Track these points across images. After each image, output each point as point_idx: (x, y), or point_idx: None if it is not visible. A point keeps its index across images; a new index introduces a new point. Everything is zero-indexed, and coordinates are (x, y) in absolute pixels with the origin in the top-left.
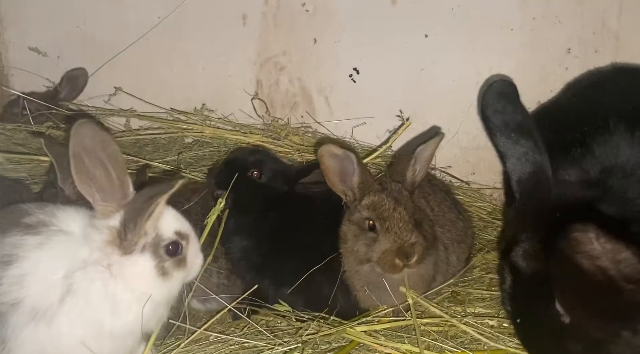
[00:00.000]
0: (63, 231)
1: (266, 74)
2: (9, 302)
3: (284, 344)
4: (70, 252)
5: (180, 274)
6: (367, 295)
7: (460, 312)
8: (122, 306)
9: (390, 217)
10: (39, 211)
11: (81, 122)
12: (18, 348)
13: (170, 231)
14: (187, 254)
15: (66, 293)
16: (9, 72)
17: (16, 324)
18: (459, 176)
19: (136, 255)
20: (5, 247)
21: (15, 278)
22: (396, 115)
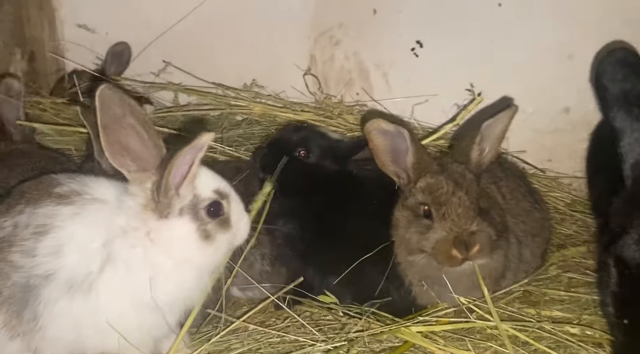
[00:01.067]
0: (97, 199)
1: (320, 48)
2: (42, 274)
3: (328, 341)
4: (107, 221)
5: (226, 237)
6: (425, 291)
7: (534, 315)
8: (162, 274)
9: (447, 202)
10: (71, 180)
11: (102, 88)
12: (51, 324)
13: (209, 191)
14: (230, 215)
15: (105, 261)
16: (64, 47)
17: (49, 298)
18: (533, 162)
19: (174, 219)
20: (38, 218)
21: (51, 249)
22: (466, 89)
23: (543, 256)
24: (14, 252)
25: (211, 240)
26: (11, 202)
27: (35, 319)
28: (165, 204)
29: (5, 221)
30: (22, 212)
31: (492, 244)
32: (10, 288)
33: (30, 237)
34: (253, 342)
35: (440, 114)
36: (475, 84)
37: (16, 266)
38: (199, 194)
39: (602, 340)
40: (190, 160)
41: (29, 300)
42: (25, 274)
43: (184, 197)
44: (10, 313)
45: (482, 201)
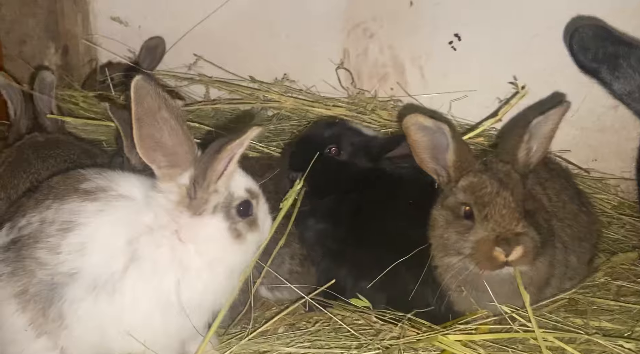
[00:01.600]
0: (123, 196)
1: (354, 42)
2: (67, 272)
3: (361, 348)
4: (132, 218)
5: (254, 237)
6: (463, 297)
7: (581, 326)
8: (191, 274)
9: (491, 203)
10: (97, 176)
11: (138, 79)
12: (75, 324)
13: (242, 189)
14: (257, 215)
15: (130, 260)
16: (97, 41)
17: (74, 297)
18: (576, 162)
19: (208, 216)
20: (64, 214)
21: (75, 246)
22: (509, 82)
23: (590, 262)
24: (40, 248)
25: (242, 239)
26: (39, 198)
27: (60, 318)
28: (202, 201)
29: (33, 217)
30: (49, 208)
31: (537, 250)
32: (35, 285)
33: (56, 233)
34: (282, 346)
35: (479, 110)
36: (518, 79)
37: (41, 263)
38: (233, 192)
39: None
40: (229, 157)
41: (54, 298)
42: (50, 272)
43: (220, 194)
44: (36, 311)
45: (528, 203)
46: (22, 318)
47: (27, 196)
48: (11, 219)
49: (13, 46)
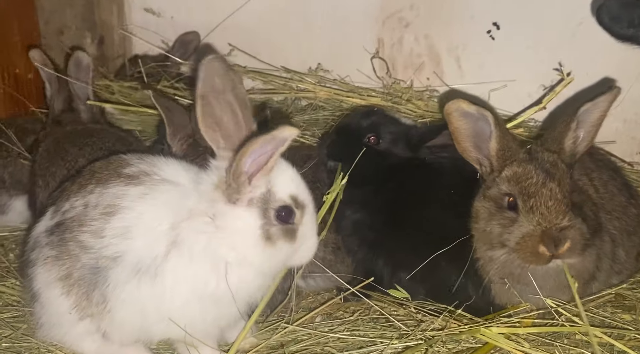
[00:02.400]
0: (167, 180)
1: (389, 31)
2: (111, 255)
3: (402, 339)
4: (176, 202)
5: (286, 247)
6: (506, 289)
7: (630, 321)
8: (223, 266)
9: (537, 194)
10: (140, 161)
11: (211, 58)
12: (118, 307)
13: (285, 193)
14: (298, 227)
15: (172, 245)
16: (132, 31)
17: (117, 281)
18: (620, 155)
19: (241, 208)
20: (107, 198)
21: (119, 230)
22: (554, 68)
23: (638, 256)
24: (84, 232)
25: (271, 243)
26: (82, 182)
27: (104, 301)
28: (235, 189)
29: (77, 201)
30: (92, 192)
31: (585, 242)
32: (80, 269)
33: (99, 217)
34: (321, 335)
35: (518, 100)
36: (566, 67)
37: (85, 247)
38: (274, 192)
39: None
40: (269, 151)
41: (98, 282)
42: (94, 255)
43: (256, 188)
44: (80, 294)
45: (574, 195)
46: (66, 300)
47: (71, 181)
48: (55, 204)
49: (51, 36)
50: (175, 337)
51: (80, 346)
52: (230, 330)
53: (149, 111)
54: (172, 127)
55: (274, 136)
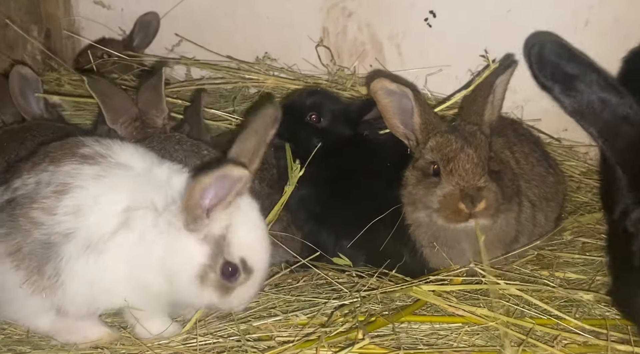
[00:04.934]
0: (121, 164)
1: (333, 20)
2: (62, 232)
3: (341, 299)
4: (136, 189)
5: (213, 297)
6: (436, 252)
7: (547, 277)
8: (150, 270)
9: (455, 158)
10: (96, 143)
11: None
12: (70, 281)
13: (238, 251)
14: (236, 289)
15: (121, 225)
16: (79, 24)
17: (70, 256)
18: (548, 132)
19: (195, 240)
20: (59, 177)
21: (70, 208)
22: (480, 55)
23: (557, 220)
24: (35, 209)
25: (201, 286)
26: (36, 161)
27: (56, 275)
28: (191, 219)
29: (29, 178)
30: (44, 171)
31: (499, 204)
32: (30, 244)
33: (51, 195)
34: (267, 301)
35: (454, 84)
36: (490, 54)
37: (37, 223)
38: (229, 242)
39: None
40: (226, 188)
41: (50, 256)
42: (46, 231)
43: (215, 224)
44: (31, 268)
45: (493, 164)
46: (16, 275)
47: (24, 161)
48: (6, 182)
49: None
50: (117, 307)
51: (34, 322)
52: (184, 308)
53: None
54: (111, 112)
55: (226, 175)
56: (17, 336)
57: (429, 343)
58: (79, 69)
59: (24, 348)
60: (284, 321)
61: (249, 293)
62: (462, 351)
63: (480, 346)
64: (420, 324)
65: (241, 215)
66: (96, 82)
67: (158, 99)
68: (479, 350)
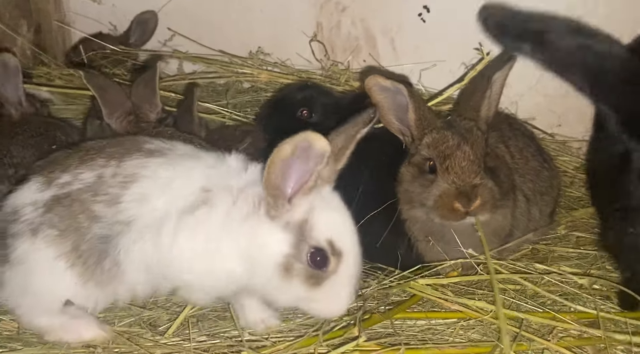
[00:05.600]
0: (189, 154)
1: (327, 15)
2: (124, 220)
3: None
4: (210, 173)
5: (302, 291)
6: (431, 247)
7: (542, 270)
8: (232, 251)
9: (452, 155)
10: (157, 140)
11: None
12: (131, 267)
13: (322, 235)
14: (330, 276)
15: (201, 202)
16: (70, 19)
17: (128, 245)
18: (542, 128)
19: (277, 227)
20: (127, 169)
21: (137, 196)
22: (474, 48)
23: (552, 214)
24: (98, 202)
25: (287, 278)
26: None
27: (116, 265)
28: (271, 204)
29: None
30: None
31: (495, 200)
32: (89, 241)
33: (117, 184)
34: None
35: (448, 79)
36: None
37: (97, 217)
38: (312, 226)
39: (610, 293)
40: (308, 168)
41: (109, 250)
42: (106, 224)
43: (296, 210)
44: (88, 265)
45: (489, 160)
46: (70, 273)
47: (61, 155)
48: (41, 175)
49: None
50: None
51: (33, 318)
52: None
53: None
54: (107, 106)
55: (308, 144)
56: (7, 332)
57: (424, 339)
58: (70, 63)
59: (15, 345)
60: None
61: (346, 283)
62: (458, 345)
63: (476, 340)
64: (416, 320)
65: (323, 201)
66: (93, 76)
67: (152, 93)
68: (475, 344)
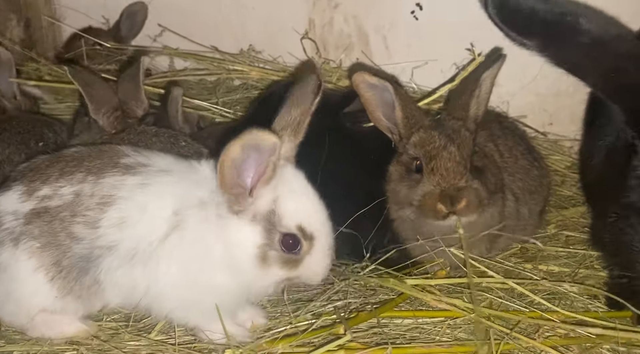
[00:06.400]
0: (164, 170)
1: (319, 12)
2: (105, 245)
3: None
4: (180, 190)
5: (282, 274)
6: (419, 246)
7: (531, 270)
8: (214, 264)
9: (437, 156)
10: (135, 152)
11: None
12: (112, 287)
13: (292, 221)
14: (304, 259)
15: (172, 229)
16: (60, 14)
17: (110, 267)
18: (534, 126)
19: (245, 221)
20: (103, 189)
21: (115, 220)
22: (466, 48)
23: (541, 213)
24: (77, 223)
25: (266, 266)
26: (65, 168)
27: (97, 283)
28: (232, 200)
29: (62, 187)
30: (83, 182)
31: (481, 202)
32: (69, 258)
33: (95, 207)
34: None
35: (440, 77)
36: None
37: (78, 238)
38: (280, 215)
39: (598, 292)
40: (262, 161)
41: (90, 269)
42: (87, 246)
43: (260, 202)
44: (68, 280)
45: (477, 159)
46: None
47: (43, 162)
48: (23, 183)
49: None
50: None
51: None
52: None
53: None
54: (94, 102)
55: (256, 142)
56: None
57: (411, 337)
58: (60, 59)
59: None
60: None
61: (320, 261)
62: (444, 344)
63: (463, 339)
64: (403, 319)
65: (286, 185)
66: (78, 72)
67: (136, 89)
68: (461, 344)
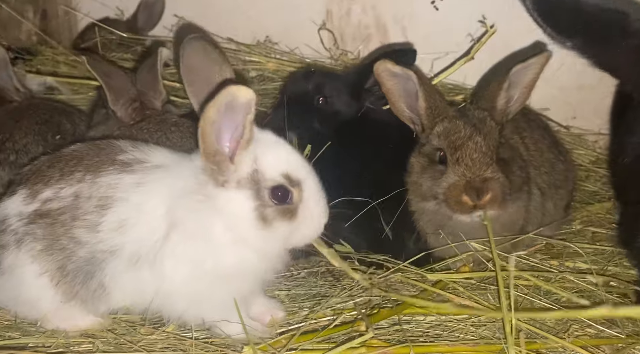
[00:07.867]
0: (158, 166)
1: (337, 2)
2: (107, 250)
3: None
4: (167, 186)
5: (284, 227)
6: (441, 240)
7: (557, 266)
8: (220, 246)
9: (463, 146)
10: (133, 148)
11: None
12: (118, 291)
13: (276, 172)
14: (298, 206)
15: (170, 227)
16: (76, 4)
17: (115, 271)
18: (557, 120)
19: (231, 190)
20: (100, 189)
21: (114, 224)
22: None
23: (567, 208)
24: (78, 227)
25: (268, 224)
26: (65, 169)
27: (102, 287)
28: (216, 171)
29: (63, 189)
30: (81, 181)
31: (506, 195)
32: (74, 262)
33: (94, 210)
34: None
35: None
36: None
37: (80, 242)
38: (262, 171)
39: (627, 291)
40: (237, 122)
41: (95, 272)
42: (90, 249)
43: (241, 167)
44: (74, 284)
45: (503, 151)
46: (55, 291)
47: (45, 163)
48: (27, 186)
49: None
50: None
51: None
52: (250, 304)
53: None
54: (112, 93)
55: (230, 102)
56: (6, 321)
57: (434, 335)
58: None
59: (14, 334)
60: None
61: (315, 204)
62: (469, 342)
63: (487, 338)
64: (425, 316)
65: (260, 142)
66: (96, 62)
67: (154, 80)
68: (485, 342)
